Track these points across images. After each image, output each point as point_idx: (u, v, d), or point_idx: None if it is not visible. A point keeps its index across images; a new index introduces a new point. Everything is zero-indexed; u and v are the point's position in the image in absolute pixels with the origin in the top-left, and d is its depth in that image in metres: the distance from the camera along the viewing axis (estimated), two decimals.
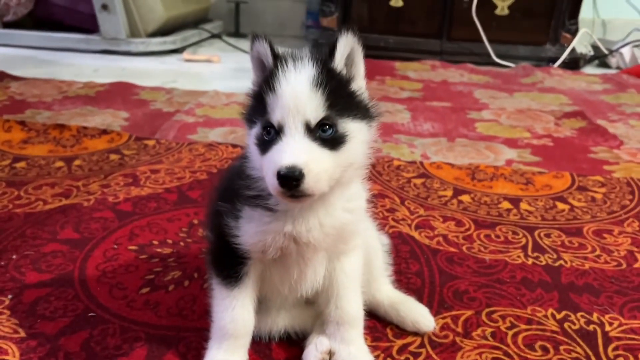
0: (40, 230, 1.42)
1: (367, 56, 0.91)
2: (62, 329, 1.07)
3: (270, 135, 0.84)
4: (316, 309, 1.05)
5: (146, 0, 3.72)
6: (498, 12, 3.85)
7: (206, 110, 2.55)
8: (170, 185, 1.72)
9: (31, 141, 2.07)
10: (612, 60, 3.97)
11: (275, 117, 0.83)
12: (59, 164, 1.88)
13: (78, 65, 3.44)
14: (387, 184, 1.79)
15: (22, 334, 1.05)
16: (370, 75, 1.88)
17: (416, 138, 2.29)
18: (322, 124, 0.83)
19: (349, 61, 0.89)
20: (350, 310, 1.00)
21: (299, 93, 0.82)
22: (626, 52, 3.91)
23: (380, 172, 1.87)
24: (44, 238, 1.39)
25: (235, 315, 0.95)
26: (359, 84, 0.91)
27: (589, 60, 4.03)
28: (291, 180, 0.78)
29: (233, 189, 0.93)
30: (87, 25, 3.80)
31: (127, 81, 2.97)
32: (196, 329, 1.07)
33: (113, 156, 1.96)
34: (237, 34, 4.64)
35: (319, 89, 0.83)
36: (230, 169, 1.08)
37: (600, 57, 4.03)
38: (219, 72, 3.48)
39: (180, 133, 2.22)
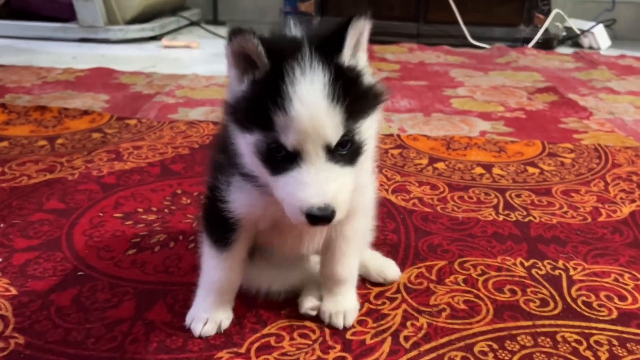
0: (27, 202, 1.45)
1: None
2: (53, 287, 1.10)
3: (282, 154, 0.73)
4: (308, 268, 1.09)
5: None
6: None
7: (186, 91, 2.58)
8: (153, 159, 1.75)
9: (12, 123, 2.09)
10: (585, 41, 4.07)
11: (289, 140, 0.71)
12: (42, 142, 1.90)
13: (56, 53, 3.43)
14: None
15: (14, 292, 1.09)
16: None
17: (393, 114, 2.35)
18: (340, 141, 0.73)
19: (356, 44, 0.77)
20: (344, 273, 1.02)
21: (316, 114, 0.70)
22: (598, 32, 4.01)
23: None
24: (30, 209, 1.42)
25: (222, 276, 0.98)
26: (363, 60, 0.80)
27: (562, 41, 4.12)
28: (323, 220, 0.72)
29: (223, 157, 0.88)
30: (64, 14, 3.78)
31: (106, 67, 2.98)
32: (183, 284, 1.12)
33: (95, 135, 1.98)
34: (215, 21, 4.64)
35: (337, 103, 0.71)
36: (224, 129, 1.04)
37: (572, 38, 4.12)
38: (198, 57, 3.49)
39: (161, 113, 2.25)
